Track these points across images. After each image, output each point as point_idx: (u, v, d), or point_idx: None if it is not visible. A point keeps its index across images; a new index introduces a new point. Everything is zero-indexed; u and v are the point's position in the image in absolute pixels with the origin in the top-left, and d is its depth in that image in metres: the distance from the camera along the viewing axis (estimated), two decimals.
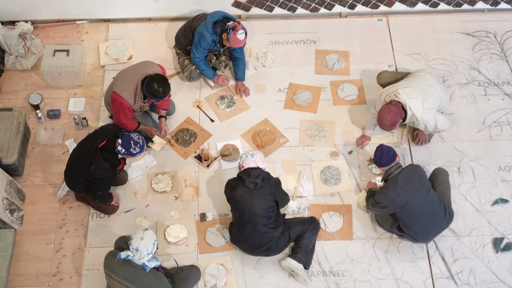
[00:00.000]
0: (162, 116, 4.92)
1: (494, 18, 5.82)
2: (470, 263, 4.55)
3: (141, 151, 4.20)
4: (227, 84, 5.30)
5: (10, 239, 4.51)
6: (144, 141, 4.25)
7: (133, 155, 4.19)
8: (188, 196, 4.82)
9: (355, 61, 5.56)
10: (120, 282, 3.83)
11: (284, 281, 4.48)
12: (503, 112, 5.27)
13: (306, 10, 5.81)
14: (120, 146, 4.14)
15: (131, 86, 4.55)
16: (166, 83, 4.50)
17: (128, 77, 4.59)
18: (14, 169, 4.78)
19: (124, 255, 3.80)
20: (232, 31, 4.76)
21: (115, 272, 3.84)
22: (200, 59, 5.08)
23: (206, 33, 4.88)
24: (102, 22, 5.80)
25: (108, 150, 4.22)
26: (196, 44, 4.98)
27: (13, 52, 5.37)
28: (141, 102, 4.66)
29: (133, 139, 4.16)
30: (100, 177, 4.27)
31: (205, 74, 5.22)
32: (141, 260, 3.81)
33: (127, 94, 4.55)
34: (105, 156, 4.21)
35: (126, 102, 4.55)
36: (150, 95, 4.49)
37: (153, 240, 3.86)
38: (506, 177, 4.92)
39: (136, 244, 3.81)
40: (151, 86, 4.44)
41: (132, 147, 4.14)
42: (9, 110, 4.91)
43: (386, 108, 4.50)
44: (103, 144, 4.23)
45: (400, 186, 4.25)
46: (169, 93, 4.57)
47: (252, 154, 4.40)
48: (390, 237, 4.65)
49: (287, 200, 4.51)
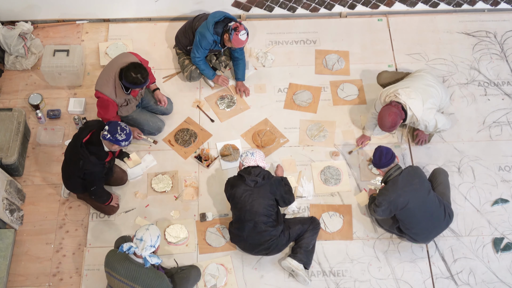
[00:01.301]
0: (156, 89, 5.02)
1: (494, 18, 5.82)
2: (470, 263, 4.55)
3: (126, 139, 4.16)
4: (227, 84, 5.31)
5: (10, 239, 4.51)
6: (130, 131, 4.22)
7: (119, 143, 4.15)
8: (188, 196, 4.82)
9: (355, 61, 5.56)
10: (121, 281, 3.83)
11: (284, 281, 4.48)
12: (503, 112, 5.27)
13: (306, 10, 5.81)
14: (107, 132, 4.14)
15: (109, 81, 4.58)
16: (141, 68, 4.50)
17: (105, 73, 4.64)
18: (14, 169, 4.78)
19: (127, 247, 3.82)
20: (234, 31, 4.77)
21: (116, 270, 3.83)
22: (200, 59, 5.08)
23: (207, 33, 4.88)
24: (102, 22, 5.80)
25: (93, 143, 4.22)
26: (196, 44, 4.98)
27: (13, 52, 5.37)
28: (124, 95, 4.67)
29: (120, 125, 4.16)
30: (90, 171, 4.26)
31: (205, 74, 5.22)
32: (143, 252, 3.80)
33: (107, 90, 4.58)
34: (91, 150, 4.21)
35: (108, 97, 4.58)
36: (131, 84, 4.50)
37: (158, 233, 3.89)
38: (506, 177, 4.92)
39: (141, 234, 3.83)
40: (129, 75, 4.46)
41: (118, 133, 4.13)
42: (9, 110, 4.91)
43: (387, 110, 4.49)
44: (87, 138, 4.24)
45: (401, 187, 4.25)
46: (148, 73, 4.56)
47: (252, 152, 4.42)
48: (390, 237, 4.65)
49: (290, 200, 4.48)
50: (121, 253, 3.85)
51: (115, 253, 3.89)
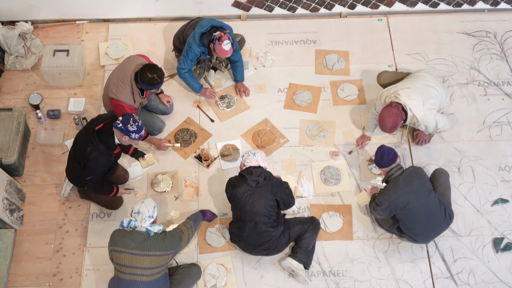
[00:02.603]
0: (160, 93, 5.07)
1: (494, 18, 5.82)
2: (470, 263, 4.55)
3: (137, 131, 4.16)
4: (214, 97, 5.23)
5: (10, 239, 4.51)
6: (142, 125, 4.23)
7: (129, 133, 4.15)
8: (188, 196, 4.82)
9: (355, 61, 5.56)
10: (132, 254, 3.86)
11: (284, 281, 4.48)
12: (503, 112, 5.27)
13: (306, 10, 5.81)
14: (119, 121, 4.16)
15: (126, 86, 4.57)
16: (156, 68, 4.52)
17: (119, 79, 4.61)
18: (14, 169, 4.78)
19: (127, 221, 3.91)
20: (218, 41, 4.74)
21: (126, 245, 3.87)
22: (186, 71, 5.04)
23: (193, 45, 4.87)
24: (102, 22, 5.80)
25: (105, 132, 4.23)
26: (184, 55, 4.96)
27: (13, 52, 5.37)
28: (140, 98, 4.69)
29: (133, 117, 4.18)
30: (94, 158, 4.23)
31: (191, 87, 5.17)
32: (143, 223, 3.89)
33: (124, 96, 4.57)
34: (101, 138, 4.22)
35: (127, 104, 4.57)
36: (148, 85, 4.50)
37: (154, 204, 4.01)
38: (506, 177, 4.92)
39: (137, 207, 3.94)
40: (145, 76, 4.46)
41: (130, 123, 4.14)
42: (9, 110, 4.91)
43: (387, 111, 4.49)
44: (100, 127, 4.25)
45: (401, 188, 4.25)
46: (164, 73, 4.57)
47: (254, 153, 4.41)
48: (390, 237, 4.65)
49: (290, 203, 4.46)
50: (126, 230, 3.93)
51: (120, 231, 3.95)
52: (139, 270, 3.87)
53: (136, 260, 3.86)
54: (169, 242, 3.95)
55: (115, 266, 3.96)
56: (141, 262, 3.86)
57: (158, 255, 3.89)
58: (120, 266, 3.90)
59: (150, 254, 3.87)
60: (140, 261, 3.86)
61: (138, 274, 3.87)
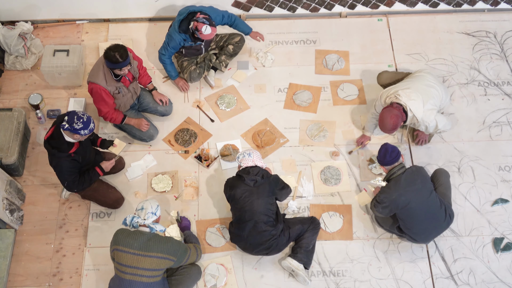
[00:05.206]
0: (153, 89, 5.08)
1: (494, 18, 5.82)
2: (470, 263, 4.55)
3: (84, 127, 4.12)
4: (187, 89, 5.32)
5: (10, 239, 4.51)
6: (89, 119, 4.18)
7: (77, 132, 4.11)
8: (188, 196, 4.82)
9: (355, 61, 5.56)
10: (134, 254, 3.86)
11: (284, 281, 4.48)
12: (503, 112, 5.27)
13: (306, 10, 5.81)
14: (65, 122, 4.15)
15: (99, 69, 4.61)
16: (120, 47, 4.48)
17: (95, 65, 4.69)
18: (14, 169, 4.78)
19: (130, 218, 3.95)
20: (197, 32, 4.83)
21: (128, 244, 3.88)
22: (166, 57, 5.14)
23: (174, 33, 4.96)
24: (102, 22, 5.80)
25: (54, 137, 4.23)
26: (165, 44, 5.07)
27: (13, 52, 5.37)
28: (115, 83, 4.67)
29: (76, 114, 4.15)
30: (56, 165, 4.29)
31: (168, 73, 5.26)
32: (145, 220, 3.92)
33: (98, 78, 4.60)
34: (52, 144, 4.23)
35: (100, 86, 4.59)
36: (112, 64, 4.48)
37: (157, 203, 4.04)
38: (506, 177, 4.92)
39: (141, 204, 3.99)
40: (108, 54, 4.46)
41: (74, 122, 4.11)
42: (9, 110, 4.91)
43: (387, 112, 4.49)
44: (49, 134, 4.26)
45: (403, 187, 4.24)
46: (128, 54, 4.52)
47: (249, 153, 4.42)
48: (390, 237, 4.65)
49: (288, 192, 4.51)
50: (129, 229, 3.95)
51: (124, 230, 3.96)
52: (140, 271, 3.87)
53: (137, 261, 3.86)
54: (172, 247, 3.94)
55: (116, 266, 3.96)
56: (142, 263, 3.86)
57: (160, 257, 3.88)
58: (122, 266, 3.90)
59: (152, 255, 3.87)
60: (142, 262, 3.86)
61: (138, 274, 3.87)
